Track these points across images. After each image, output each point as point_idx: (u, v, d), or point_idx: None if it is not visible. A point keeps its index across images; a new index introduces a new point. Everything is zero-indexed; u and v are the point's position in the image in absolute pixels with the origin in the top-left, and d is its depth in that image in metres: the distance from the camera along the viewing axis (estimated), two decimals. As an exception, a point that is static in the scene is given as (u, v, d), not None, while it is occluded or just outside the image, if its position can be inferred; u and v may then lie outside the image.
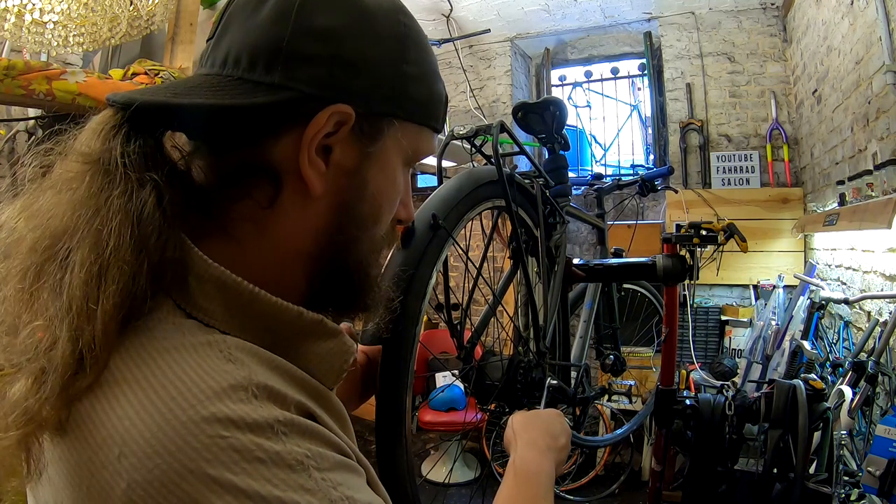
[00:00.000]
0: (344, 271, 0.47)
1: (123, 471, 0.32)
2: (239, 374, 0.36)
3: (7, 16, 1.41)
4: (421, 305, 0.73)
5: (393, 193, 0.48)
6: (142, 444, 0.32)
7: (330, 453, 0.38)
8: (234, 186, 0.42)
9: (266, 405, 0.36)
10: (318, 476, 0.35)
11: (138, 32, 1.66)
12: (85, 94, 1.47)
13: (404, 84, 0.45)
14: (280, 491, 0.33)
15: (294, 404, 0.38)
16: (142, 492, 0.31)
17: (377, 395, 0.71)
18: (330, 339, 0.45)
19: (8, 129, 2.65)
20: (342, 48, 0.41)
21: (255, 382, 0.36)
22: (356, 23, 0.42)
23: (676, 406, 1.62)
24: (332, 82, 0.41)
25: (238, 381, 0.35)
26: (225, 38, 0.42)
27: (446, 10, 3.60)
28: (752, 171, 3.37)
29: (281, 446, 0.34)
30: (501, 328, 1.15)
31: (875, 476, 1.41)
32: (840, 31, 2.39)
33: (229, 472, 0.32)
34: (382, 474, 0.71)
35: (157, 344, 0.36)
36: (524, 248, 1.07)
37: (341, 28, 0.41)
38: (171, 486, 0.31)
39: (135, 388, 0.34)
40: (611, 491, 3.00)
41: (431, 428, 3.30)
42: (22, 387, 0.35)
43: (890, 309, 1.85)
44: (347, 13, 0.42)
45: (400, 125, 0.45)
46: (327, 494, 0.35)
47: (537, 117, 1.28)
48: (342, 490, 0.36)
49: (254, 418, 0.34)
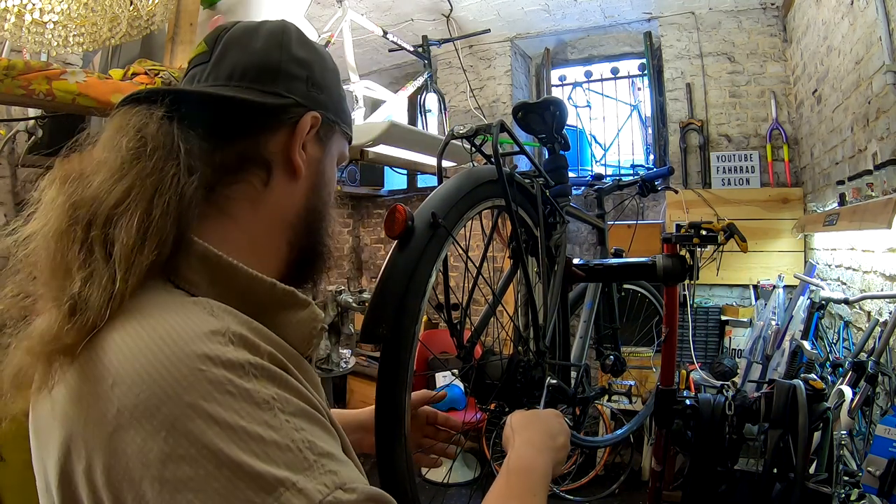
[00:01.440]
0: (315, 239, 0.60)
1: (115, 398, 0.38)
2: (218, 323, 0.42)
3: (7, 16, 1.41)
4: (420, 303, 0.73)
5: (333, 185, 0.63)
6: (131, 374, 0.38)
7: (296, 401, 0.42)
8: (233, 173, 0.53)
9: (240, 350, 0.41)
10: (282, 417, 0.40)
11: (138, 32, 1.65)
12: (85, 94, 1.47)
13: (342, 103, 0.62)
14: (245, 422, 0.38)
15: (267, 353, 0.43)
16: (128, 414, 0.37)
17: (377, 394, 0.71)
18: (300, 308, 0.52)
19: (8, 129, 2.65)
20: (313, 72, 0.58)
21: (233, 331, 0.42)
22: (317, 56, 0.60)
23: (676, 406, 1.62)
24: (309, 95, 0.57)
25: (217, 328, 0.41)
26: (226, 59, 0.55)
27: (446, 10, 3.60)
28: (752, 171, 3.37)
29: (251, 385, 0.40)
30: (501, 328, 1.15)
31: (875, 476, 1.41)
32: (840, 31, 2.39)
33: (203, 401, 0.37)
34: (382, 473, 0.71)
35: (152, 302, 0.43)
36: (524, 248, 1.07)
37: (310, 59, 0.58)
38: (153, 410, 0.37)
39: (130, 332, 0.41)
40: (611, 491, 3.00)
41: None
42: (54, 317, 0.42)
43: (890, 309, 1.85)
44: (311, 49, 0.59)
45: (338, 131, 0.62)
46: (289, 434, 0.40)
47: (537, 117, 1.28)
48: (304, 434, 0.41)
49: (228, 357, 0.40)
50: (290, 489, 0.37)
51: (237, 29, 0.58)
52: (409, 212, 0.75)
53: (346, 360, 2.31)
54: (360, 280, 5.05)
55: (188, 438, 0.37)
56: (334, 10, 3.01)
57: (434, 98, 3.50)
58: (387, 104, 3.14)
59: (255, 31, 0.57)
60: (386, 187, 4.68)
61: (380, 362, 0.71)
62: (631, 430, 2.00)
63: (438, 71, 4.25)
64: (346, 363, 2.30)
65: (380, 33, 3.20)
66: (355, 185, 4.33)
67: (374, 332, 0.70)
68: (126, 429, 0.37)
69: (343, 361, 2.27)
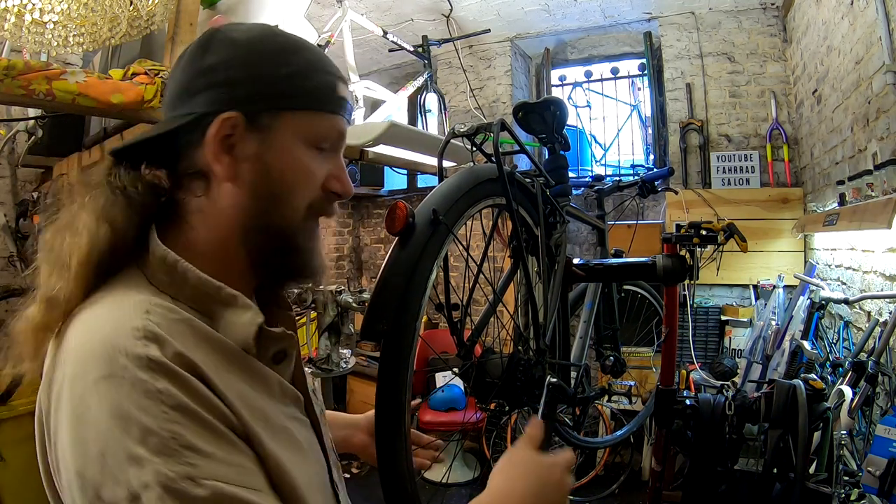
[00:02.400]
0: (271, 238, 0.59)
1: (61, 367, 0.50)
2: (141, 321, 0.49)
3: (7, 16, 1.41)
4: (421, 300, 0.73)
5: (301, 172, 0.59)
6: (72, 353, 0.49)
7: (183, 398, 0.47)
8: (182, 188, 0.59)
9: (150, 346, 0.48)
10: (162, 407, 0.46)
11: (138, 32, 1.65)
12: (85, 94, 1.47)
13: (284, 84, 0.58)
14: (127, 404, 0.45)
15: (174, 353, 0.49)
16: (67, 384, 0.48)
17: (377, 391, 0.71)
18: (243, 311, 0.56)
19: (8, 129, 2.65)
20: (219, 75, 0.57)
21: (149, 328, 0.49)
22: (234, 53, 0.57)
23: (676, 406, 1.62)
24: (218, 99, 0.56)
25: (138, 325, 0.49)
26: (165, 93, 0.63)
27: (446, 10, 3.60)
28: (752, 171, 3.37)
29: (144, 376, 0.46)
30: (502, 327, 1.15)
31: (875, 476, 1.41)
32: (840, 31, 2.39)
33: (103, 381, 0.46)
34: (382, 471, 0.71)
35: (116, 295, 0.53)
36: (524, 247, 1.07)
37: (219, 62, 0.57)
38: (76, 381, 0.47)
39: (84, 319, 0.52)
40: (611, 491, 3.00)
41: (431, 428, 3.30)
42: (38, 309, 0.54)
43: (890, 309, 1.85)
44: (224, 51, 0.57)
45: (292, 115, 0.58)
46: (162, 423, 0.45)
47: (538, 117, 1.28)
48: (176, 427, 0.46)
49: (133, 351, 0.47)
50: (146, 466, 0.44)
51: (176, 61, 0.63)
52: (410, 209, 0.75)
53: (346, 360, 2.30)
54: (360, 280, 5.04)
55: (87, 407, 0.46)
56: (334, 10, 3.02)
57: (434, 98, 3.50)
58: (387, 104, 3.14)
59: (181, 57, 0.61)
60: (386, 187, 4.68)
61: (380, 359, 0.71)
62: (631, 430, 2.00)
63: (438, 71, 4.25)
64: (346, 363, 2.30)
65: (380, 33, 3.21)
66: (355, 185, 4.26)
67: (374, 329, 0.70)
68: (62, 394, 0.48)
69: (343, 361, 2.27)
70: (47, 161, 2.67)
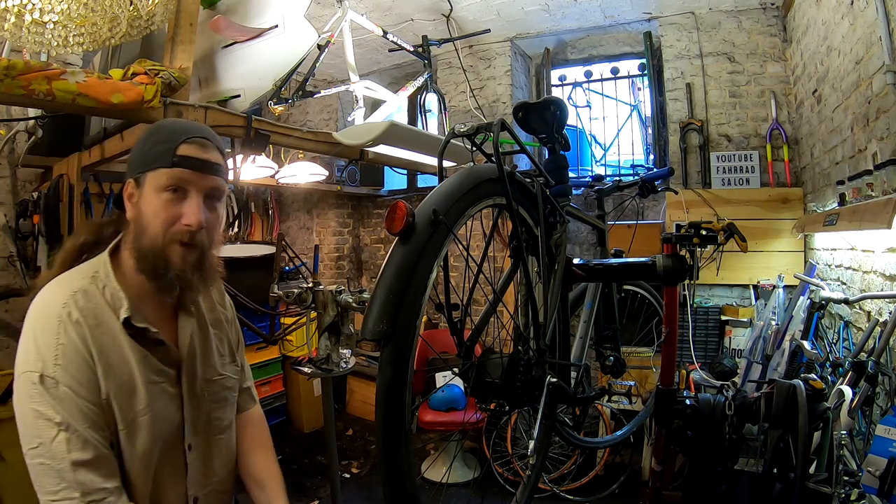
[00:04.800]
0: (142, 261, 0.91)
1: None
2: (69, 290, 0.88)
3: (7, 16, 1.41)
4: (422, 299, 0.73)
5: (154, 214, 0.89)
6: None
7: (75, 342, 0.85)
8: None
9: (70, 308, 0.87)
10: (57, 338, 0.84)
11: (138, 32, 1.65)
12: (85, 94, 1.47)
13: (142, 157, 0.92)
14: (28, 334, 0.87)
15: (76, 321, 0.86)
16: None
17: (377, 390, 0.71)
18: (122, 306, 0.90)
19: (8, 129, 2.65)
20: (129, 158, 0.95)
21: (68, 303, 0.87)
22: (133, 147, 0.95)
23: (676, 406, 1.62)
24: (126, 174, 0.94)
25: (65, 300, 0.87)
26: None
27: (446, 10, 3.60)
28: (752, 171, 3.37)
29: (55, 322, 0.86)
30: (502, 327, 1.14)
31: (875, 476, 1.41)
32: (840, 31, 2.39)
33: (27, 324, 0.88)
34: (383, 470, 0.71)
35: (73, 272, 0.92)
36: (525, 247, 1.07)
37: (131, 151, 0.96)
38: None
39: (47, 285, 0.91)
40: (611, 491, 3.00)
41: (431, 428, 3.30)
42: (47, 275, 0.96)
43: (890, 309, 1.85)
44: (134, 146, 0.96)
45: (149, 174, 0.90)
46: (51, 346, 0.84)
47: (538, 117, 1.28)
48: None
49: (57, 310, 0.87)
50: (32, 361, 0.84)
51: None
52: (410, 208, 0.75)
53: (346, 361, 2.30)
54: (360, 280, 5.04)
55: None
56: (334, 10, 3.01)
57: (434, 98, 3.50)
58: (387, 104, 3.14)
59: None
60: (386, 187, 4.69)
61: (380, 358, 0.71)
62: (631, 430, 2.00)
63: (438, 71, 4.25)
64: (346, 363, 2.30)
65: (380, 33, 3.20)
66: (355, 185, 4.32)
67: (374, 329, 0.70)
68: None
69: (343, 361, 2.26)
70: (47, 161, 2.67)
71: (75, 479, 0.78)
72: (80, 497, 0.78)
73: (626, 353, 1.78)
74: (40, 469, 0.79)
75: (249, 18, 2.09)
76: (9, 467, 2.19)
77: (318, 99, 4.45)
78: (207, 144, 0.93)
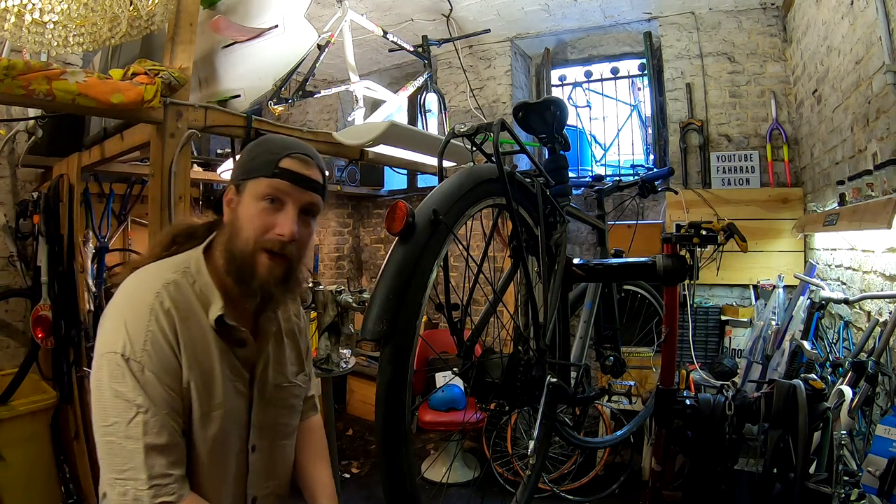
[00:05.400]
0: (231, 263, 0.94)
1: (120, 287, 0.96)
2: (163, 280, 0.91)
3: (7, 16, 1.41)
4: (422, 298, 0.73)
5: (248, 219, 0.92)
6: (125, 281, 0.95)
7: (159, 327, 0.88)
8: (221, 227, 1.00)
9: (165, 298, 0.89)
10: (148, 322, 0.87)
11: (138, 32, 1.65)
12: (85, 94, 1.47)
13: (246, 165, 0.97)
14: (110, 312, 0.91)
15: (166, 310, 0.89)
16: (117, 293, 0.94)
17: (377, 390, 0.71)
18: (216, 305, 0.93)
19: (8, 129, 2.65)
20: (235, 166, 1.04)
21: (160, 292, 0.90)
22: (240, 156, 1.03)
23: (676, 406, 1.62)
24: (230, 180, 1.00)
25: (163, 281, 0.91)
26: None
27: (446, 10, 3.60)
28: (752, 171, 3.37)
29: (147, 309, 0.89)
30: (502, 327, 1.15)
31: (875, 476, 1.41)
32: (840, 31, 2.39)
33: (127, 298, 0.92)
34: (383, 470, 0.71)
35: (156, 266, 0.96)
36: (525, 247, 1.07)
37: (238, 159, 1.03)
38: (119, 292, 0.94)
39: (136, 271, 0.96)
40: (611, 491, 3.00)
41: (431, 428, 3.30)
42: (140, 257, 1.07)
43: (890, 309, 1.85)
44: (246, 149, 1.02)
45: (249, 181, 0.94)
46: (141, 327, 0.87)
47: (538, 117, 1.28)
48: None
49: (149, 298, 0.89)
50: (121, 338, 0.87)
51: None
52: (410, 209, 0.75)
53: (346, 360, 2.30)
54: (360, 280, 5.04)
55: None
56: (334, 10, 3.02)
57: (434, 98, 3.50)
58: (387, 104, 3.14)
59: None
60: (386, 187, 4.68)
61: (380, 358, 0.71)
62: (631, 430, 2.00)
63: (438, 71, 4.25)
64: (346, 363, 2.30)
65: (380, 33, 3.21)
66: (355, 185, 4.32)
67: (374, 329, 0.70)
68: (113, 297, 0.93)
69: (343, 361, 2.27)
70: (47, 161, 2.67)
71: (145, 461, 0.80)
72: (146, 479, 0.80)
73: (626, 353, 1.78)
74: (110, 447, 0.81)
75: (249, 18, 2.09)
76: (9, 467, 2.19)
77: (318, 99, 4.45)
78: (310, 162, 0.95)
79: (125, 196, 3.22)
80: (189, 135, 1.75)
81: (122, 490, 0.80)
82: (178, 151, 1.72)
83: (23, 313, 2.69)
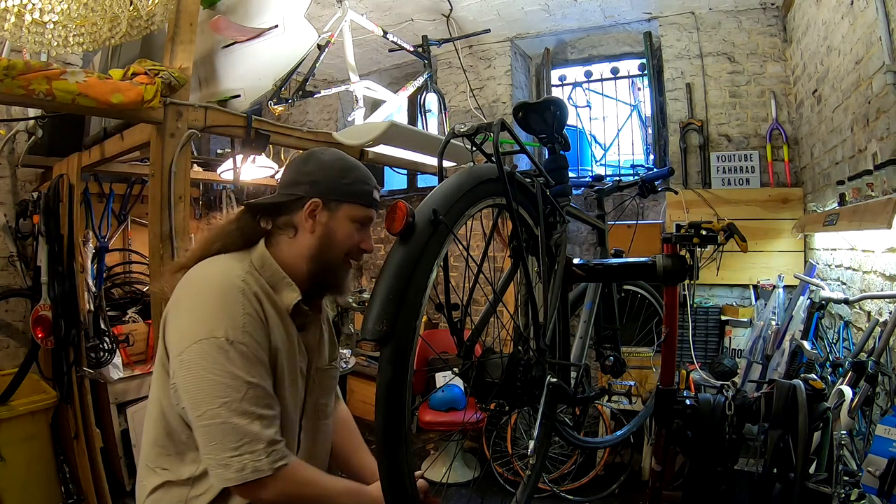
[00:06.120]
0: (322, 268, 1.07)
1: (182, 284, 1.04)
2: (244, 274, 1.00)
3: (7, 16, 1.41)
4: (421, 299, 0.73)
5: (346, 237, 1.07)
6: (190, 277, 1.03)
7: (253, 312, 0.97)
8: (282, 228, 1.08)
9: (246, 282, 0.99)
10: (243, 310, 0.96)
11: (138, 32, 1.65)
12: (85, 94, 1.47)
13: (344, 188, 1.07)
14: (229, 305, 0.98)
15: (254, 293, 1.00)
16: (182, 289, 1.03)
17: (377, 391, 0.71)
18: (292, 291, 1.05)
19: (8, 129, 2.65)
20: (312, 177, 1.07)
21: (245, 279, 0.99)
22: (318, 168, 1.08)
23: (676, 406, 1.61)
24: (310, 191, 1.06)
25: (241, 274, 0.99)
26: (284, 175, 1.12)
27: (446, 10, 3.60)
28: (752, 171, 3.37)
29: (238, 293, 0.98)
30: (502, 327, 1.15)
31: (875, 476, 1.41)
32: (840, 31, 2.39)
33: (189, 294, 1.02)
34: (382, 470, 0.71)
35: (222, 260, 1.04)
36: (525, 247, 1.07)
37: (314, 170, 1.08)
38: (192, 290, 1.02)
39: (203, 265, 1.03)
40: (611, 491, 3.00)
41: (431, 428, 3.30)
42: (181, 259, 1.14)
43: (890, 309, 1.85)
44: (316, 164, 1.09)
45: (346, 205, 1.07)
46: (238, 317, 0.95)
47: (538, 117, 1.28)
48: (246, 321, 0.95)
49: (238, 282, 0.99)
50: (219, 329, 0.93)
51: (288, 163, 1.16)
52: (410, 209, 0.75)
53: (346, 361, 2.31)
54: (359, 280, 5.04)
55: (202, 304, 0.97)
56: (334, 10, 3.02)
57: (434, 98, 3.50)
58: (387, 104, 3.14)
59: (292, 162, 1.13)
60: (386, 187, 4.69)
61: (380, 358, 0.71)
62: (631, 430, 2.00)
63: (438, 71, 4.25)
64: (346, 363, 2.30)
65: (380, 33, 3.21)
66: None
67: (374, 329, 0.70)
68: (179, 295, 1.00)
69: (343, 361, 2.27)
70: (47, 161, 2.67)
71: (261, 432, 0.88)
72: (264, 448, 0.88)
73: (626, 353, 1.78)
74: (222, 427, 0.87)
75: (249, 18, 2.09)
76: (9, 467, 2.19)
77: (318, 99, 4.45)
78: (378, 189, 1.14)
79: (125, 196, 3.22)
80: (189, 135, 1.75)
81: (240, 465, 0.86)
82: (178, 151, 1.72)
83: (23, 313, 2.69)
